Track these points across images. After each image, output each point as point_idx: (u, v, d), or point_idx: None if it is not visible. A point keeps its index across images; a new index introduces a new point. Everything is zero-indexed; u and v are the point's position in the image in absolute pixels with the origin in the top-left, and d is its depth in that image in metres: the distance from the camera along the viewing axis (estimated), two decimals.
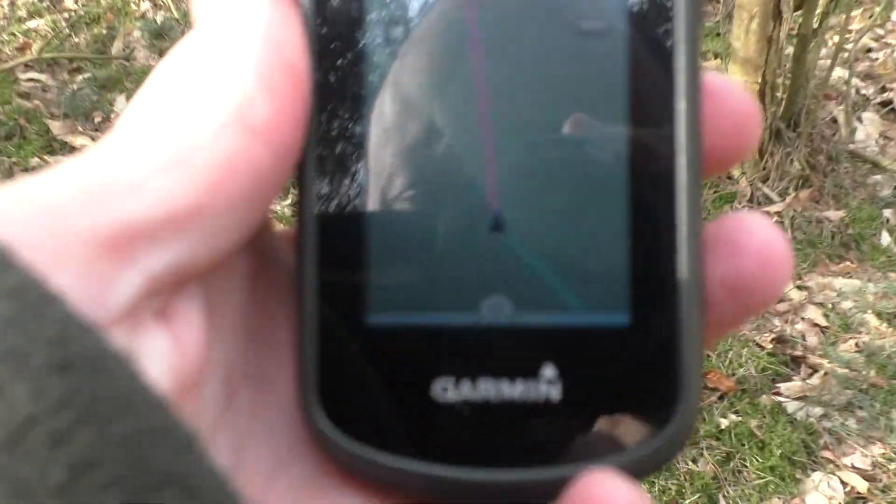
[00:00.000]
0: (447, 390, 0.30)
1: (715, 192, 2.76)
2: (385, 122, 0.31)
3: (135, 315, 0.25)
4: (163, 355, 0.26)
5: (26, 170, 2.98)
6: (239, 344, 0.31)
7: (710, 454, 2.01)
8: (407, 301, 0.31)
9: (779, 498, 1.94)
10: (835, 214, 2.71)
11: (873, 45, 3.42)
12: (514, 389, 0.30)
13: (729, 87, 0.31)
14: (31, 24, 3.73)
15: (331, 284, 0.30)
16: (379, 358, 0.30)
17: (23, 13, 3.78)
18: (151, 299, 0.26)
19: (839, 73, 2.98)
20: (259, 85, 0.27)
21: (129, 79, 3.36)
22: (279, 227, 0.35)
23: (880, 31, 3.47)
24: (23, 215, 0.23)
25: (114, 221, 0.24)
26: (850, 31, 2.76)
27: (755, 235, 0.30)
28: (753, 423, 2.09)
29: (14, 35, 3.67)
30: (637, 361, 0.30)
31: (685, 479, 1.96)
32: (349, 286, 0.31)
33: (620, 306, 0.30)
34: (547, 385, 0.30)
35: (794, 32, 2.70)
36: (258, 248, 0.32)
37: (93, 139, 3.11)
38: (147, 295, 0.25)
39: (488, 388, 0.30)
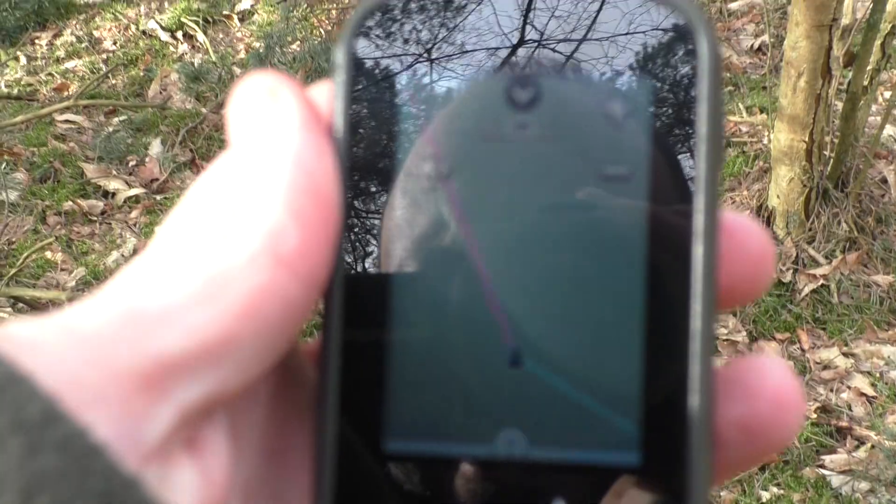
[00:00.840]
0: None
1: None
2: (410, 254, 0.32)
3: (167, 448, 0.26)
4: (192, 489, 0.27)
5: (59, 213, 3.00)
6: (259, 463, 0.31)
7: None
8: (424, 430, 0.32)
9: None
10: (884, 279, 2.66)
11: None
12: None
13: (746, 227, 0.31)
14: (69, 64, 3.78)
15: (350, 409, 0.31)
16: (393, 484, 0.31)
17: (61, 53, 3.83)
18: (182, 430, 0.26)
19: (889, 131, 2.93)
20: (290, 215, 0.28)
21: (164, 122, 3.38)
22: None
23: None
24: (64, 350, 0.24)
25: (150, 356, 0.25)
26: None
27: (770, 379, 0.31)
28: (796, 496, 2.06)
29: (52, 75, 3.71)
30: (646, 501, 0.30)
31: None
32: (368, 412, 0.31)
33: (632, 445, 0.31)
34: None
35: (844, 89, 2.66)
36: (282, 367, 0.32)
37: (127, 183, 3.13)
38: (179, 427, 0.26)
39: None
